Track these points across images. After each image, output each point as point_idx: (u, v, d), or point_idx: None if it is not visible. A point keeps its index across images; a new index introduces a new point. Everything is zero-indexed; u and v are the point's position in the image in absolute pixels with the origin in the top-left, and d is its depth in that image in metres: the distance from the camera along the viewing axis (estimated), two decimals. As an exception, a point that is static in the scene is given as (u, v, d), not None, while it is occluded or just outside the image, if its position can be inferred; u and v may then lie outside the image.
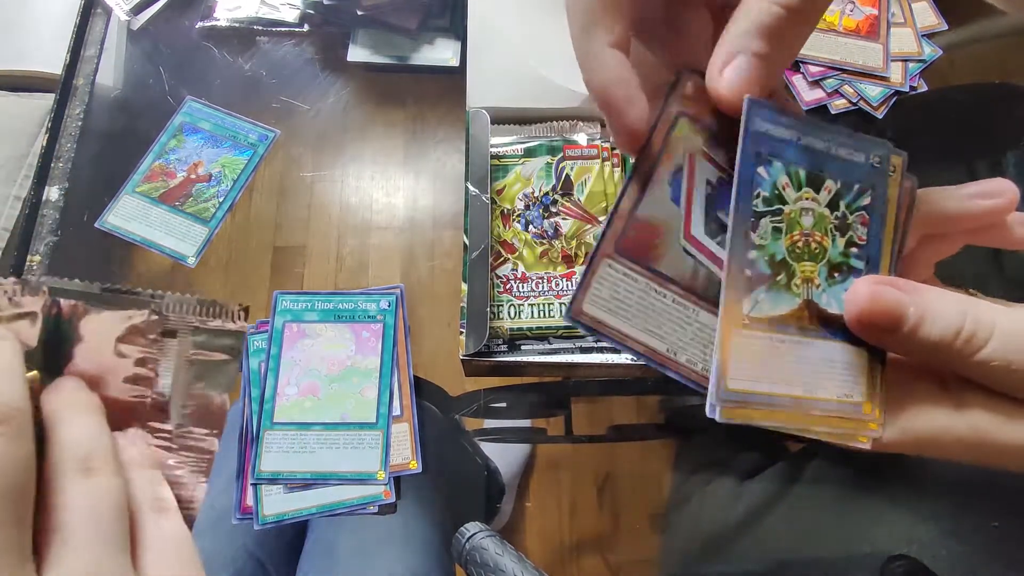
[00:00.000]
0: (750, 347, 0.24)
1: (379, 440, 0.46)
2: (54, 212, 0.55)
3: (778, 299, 0.25)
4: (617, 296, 0.24)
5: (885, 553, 0.43)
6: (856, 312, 0.24)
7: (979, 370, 0.23)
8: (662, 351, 0.24)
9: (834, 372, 0.25)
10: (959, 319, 0.23)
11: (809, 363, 0.25)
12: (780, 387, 0.24)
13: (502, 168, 0.51)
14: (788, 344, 0.25)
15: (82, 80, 0.61)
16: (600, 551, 0.53)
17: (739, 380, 0.24)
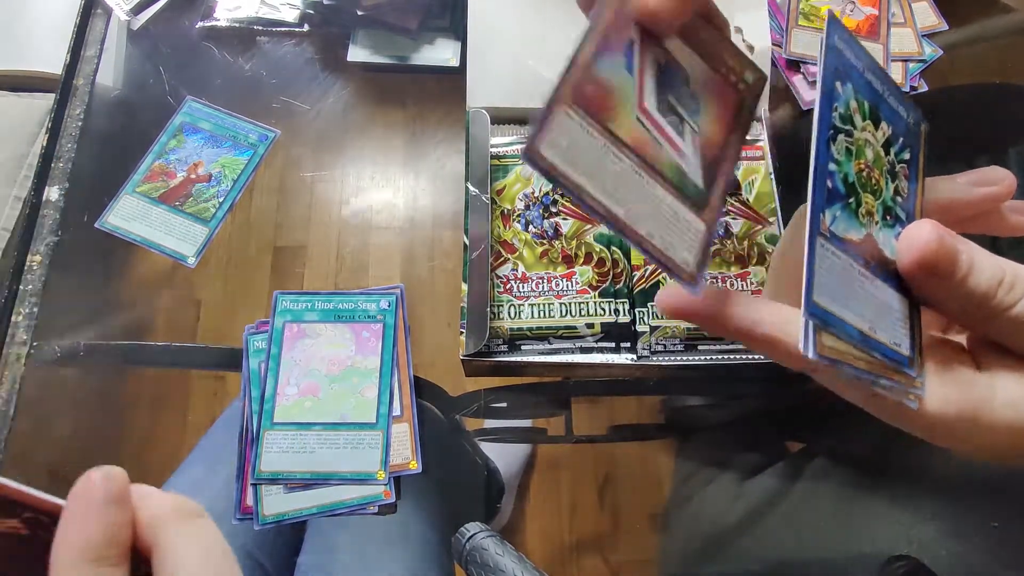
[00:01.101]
0: (830, 262, 0.23)
1: (379, 440, 0.46)
2: (54, 212, 0.55)
3: (850, 223, 0.24)
4: (576, 147, 0.23)
5: (885, 553, 0.43)
6: (919, 253, 0.23)
7: (1013, 327, 0.24)
8: (621, 216, 0.24)
9: (889, 318, 0.25)
10: (1000, 270, 0.23)
11: (872, 300, 0.24)
12: (852, 316, 0.23)
13: (502, 168, 0.51)
14: (858, 273, 0.24)
15: (82, 80, 0.60)
16: (600, 551, 0.53)
17: (823, 296, 0.23)
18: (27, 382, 0.49)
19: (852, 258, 0.24)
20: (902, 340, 0.25)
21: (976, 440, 0.25)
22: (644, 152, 0.25)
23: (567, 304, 0.47)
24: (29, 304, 0.52)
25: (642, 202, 0.25)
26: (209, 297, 0.55)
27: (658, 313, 0.46)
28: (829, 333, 0.23)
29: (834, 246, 0.24)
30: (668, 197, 0.25)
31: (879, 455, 0.46)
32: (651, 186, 0.25)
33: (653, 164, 0.25)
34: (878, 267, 0.25)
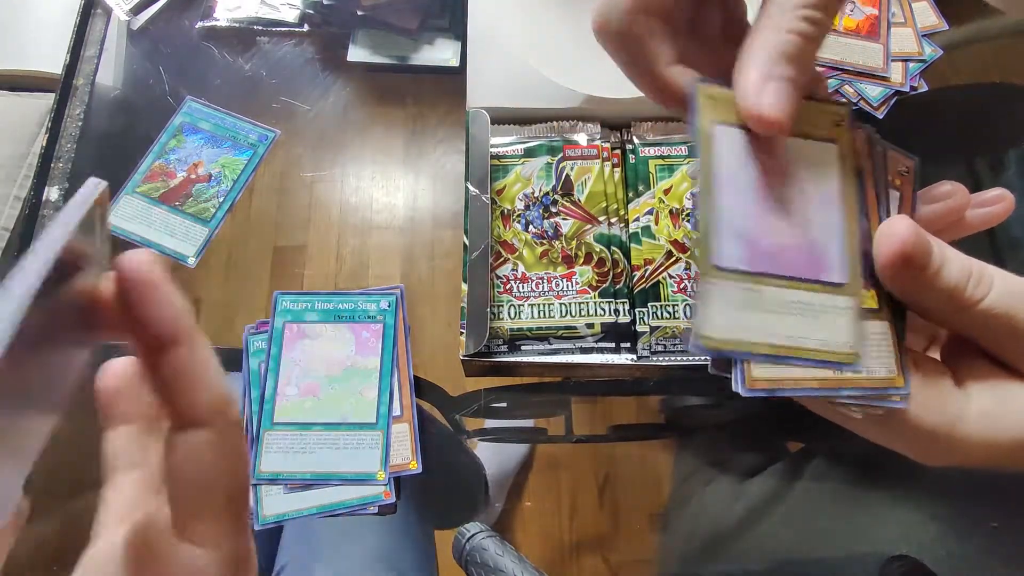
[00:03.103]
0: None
1: (379, 440, 0.46)
2: (54, 212, 0.55)
3: None
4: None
5: (885, 553, 0.43)
6: (898, 246, 0.24)
7: (982, 321, 0.25)
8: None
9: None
10: (968, 266, 0.25)
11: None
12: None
13: (502, 168, 0.51)
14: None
15: (82, 80, 0.61)
16: (600, 551, 0.53)
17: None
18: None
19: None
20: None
21: (955, 455, 0.25)
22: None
23: (567, 304, 0.47)
24: (29, 304, 0.52)
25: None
26: (209, 297, 0.55)
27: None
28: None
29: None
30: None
31: (879, 455, 0.45)
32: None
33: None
34: None
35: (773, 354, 0.25)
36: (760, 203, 0.26)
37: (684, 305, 0.47)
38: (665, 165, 0.50)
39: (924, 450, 0.26)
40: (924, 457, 0.26)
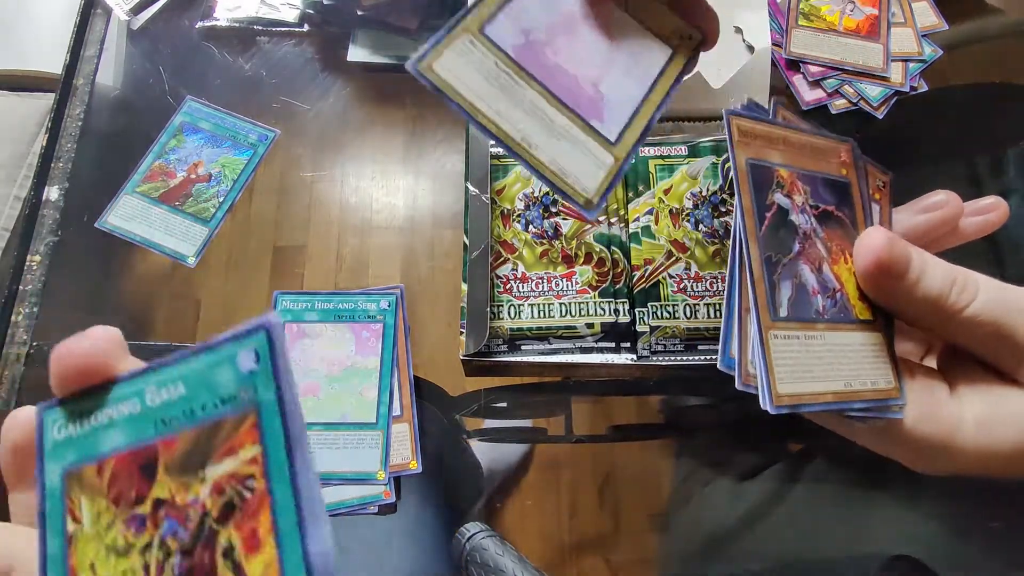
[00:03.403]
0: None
1: (379, 440, 0.46)
2: (54, 212, 0.55)
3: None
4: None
5: (885, 553, 0.43)
6: (875, 256, 0.25)
7: (968, 329, 0.25)
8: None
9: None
10: (952, 274, 0.25)
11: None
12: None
13: (502, 168, 0.51)
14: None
15: (82, 80, 0.60)
16: (600, 551, 0.53)
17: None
18: (27, 382, 0.49)
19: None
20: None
21: (952, 464, 0.25)
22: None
23: (567, 304, 0.47)
24: (29, 304, 0.52)
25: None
26: (209, 297, 0.55)
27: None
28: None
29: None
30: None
31: (879, 456, 0.45)
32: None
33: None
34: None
35: (493, 132, 0.25)
36: (562, 26, 0.27)
37: (684, 305, 0.47)
38: (665, 165, 0.51)
39: (922, 459, 0.26)
40: (922, 466, 0.27)
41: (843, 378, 0.25)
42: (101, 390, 0.17)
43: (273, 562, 0.15)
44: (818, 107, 0.58)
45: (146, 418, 0.17)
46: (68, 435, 0.17)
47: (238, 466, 0.16)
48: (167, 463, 0.17)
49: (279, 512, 0.15)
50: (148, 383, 0.17)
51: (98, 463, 0.17)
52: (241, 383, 0.16)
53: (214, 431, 0.16)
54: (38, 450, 0.17)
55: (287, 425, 0.15)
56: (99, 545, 0.17)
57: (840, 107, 0.58)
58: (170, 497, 0.16)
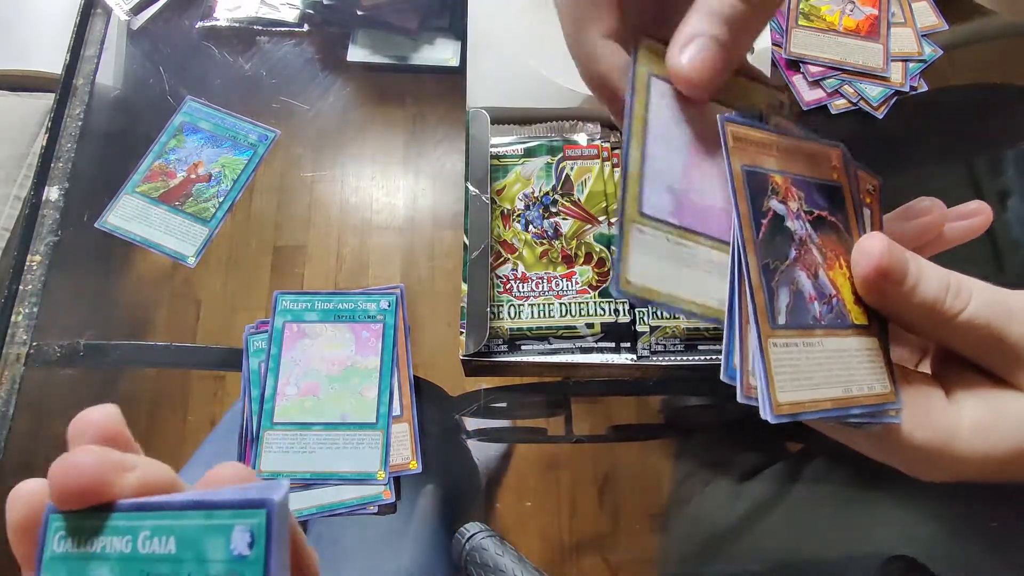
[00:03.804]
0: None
1: (379, 440, 0.46)
2: (54, 212, 0.55)
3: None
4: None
5: (885, 553, 0.43)
6: (876, 261, 0.25)
7: (963, 333, 0.25)
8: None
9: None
10: (946, 277, 0.25)
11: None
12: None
13: (502, 168, 0.51)
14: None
15: (82, 80, 0.60)
16: (600, 551, 0.53)
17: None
18: (27, 382, 0.49)
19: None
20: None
21: (950, 470, 0.26)
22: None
23: (567, 304, 0.47)
24: (29, 304, 0.52)
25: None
26: (209, 297, 0.55)
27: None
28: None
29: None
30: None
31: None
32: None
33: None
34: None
35: (700, 313, 0.25)
36: (690, 162, 0.27)
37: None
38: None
39: (920, 466, 0.26)
40: (920, 473, 0.27)
41: (841, 384, 0.25)
42: (102, 511, 0.17)
43: None
44: (818, 107, 0.58)
45: (134, 564, 0.17)
46: (65, 551, 0.17)
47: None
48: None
49: None
50: (143, 525, 0.17)
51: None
52: (230, 566, 0.16)
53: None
54: (38, 554, 0.17)
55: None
56: None
57: (840, 107, 0.58)
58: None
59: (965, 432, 0.25)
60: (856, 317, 0.26)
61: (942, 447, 0.25)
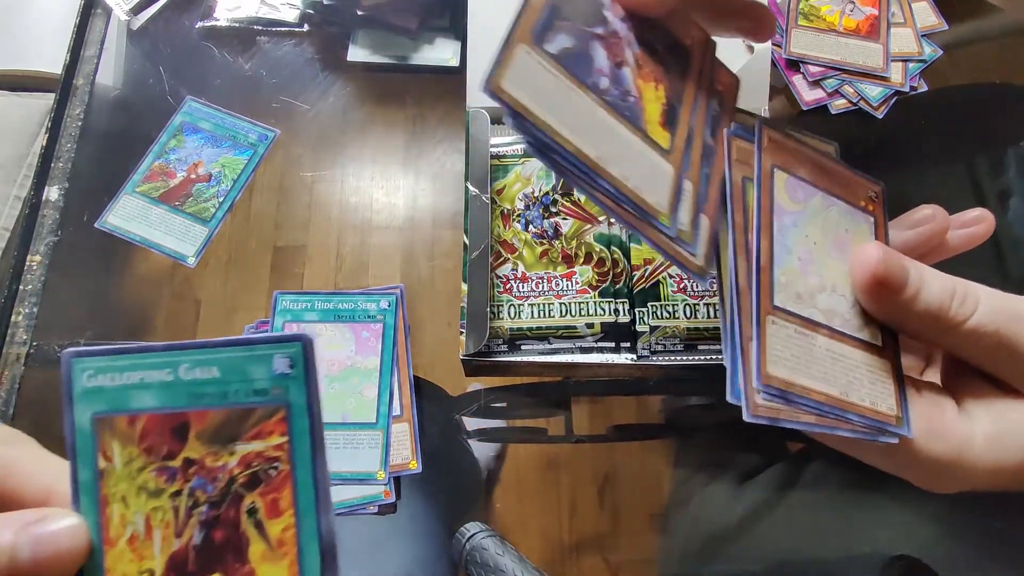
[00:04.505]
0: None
1: (379, 440, 0.46)
2: (54, 212, 0.55)
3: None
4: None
5: (885, 553, 0.43)
6: (871, 269, 0.25)
7: (970, 339, 0.25)
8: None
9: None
10: (951, 286, 0.25)
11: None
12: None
13: (502, 168, 0.51)
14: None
15: (82, 80, 0.61)
16: (600, 551, 0.53)
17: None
18: (27, 382, 0.49)
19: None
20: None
21: (962, 482, 0.25)
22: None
23: (567, 304, 0.47)
24: (29, 304, 0.52)
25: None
26: (209, 297, 0.55)
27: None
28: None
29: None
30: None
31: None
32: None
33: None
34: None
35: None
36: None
37: (684, 305, 0.47)
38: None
39: (932, 478, 0.26)
40: (931, 485, 0.26)
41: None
42: (130, 355, 0.19)
43: (291, 527, 0.19)
44: (818, 107, 0.58)
45: (178, 389, 0.19)
46: (98, 385, 0.19)
47: (265, 449, 0.19)
48: (198, 432, 0.19)
49: (300, 492, 0.19)
50: (181, 360, 0.19)
51: (129, 416, 0.19)
52: (274, 382, 0.19)
53: (244, 416, 0.19)
54: (65, 391, 0.19)
55: (314, 428, 0.19)
56: (130, 484, 0.19)
57: (840, 107, 0.58)
58: (200, 459, 0.19)
59: (978, 444, 0.25)
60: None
61: (955, 460, 0.25)
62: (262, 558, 0.19)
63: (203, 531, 0.19)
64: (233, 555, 0.19)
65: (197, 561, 0.19)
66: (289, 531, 0.19)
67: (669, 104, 0.27)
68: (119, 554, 0.19)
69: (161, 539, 0.19)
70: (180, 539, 0.19)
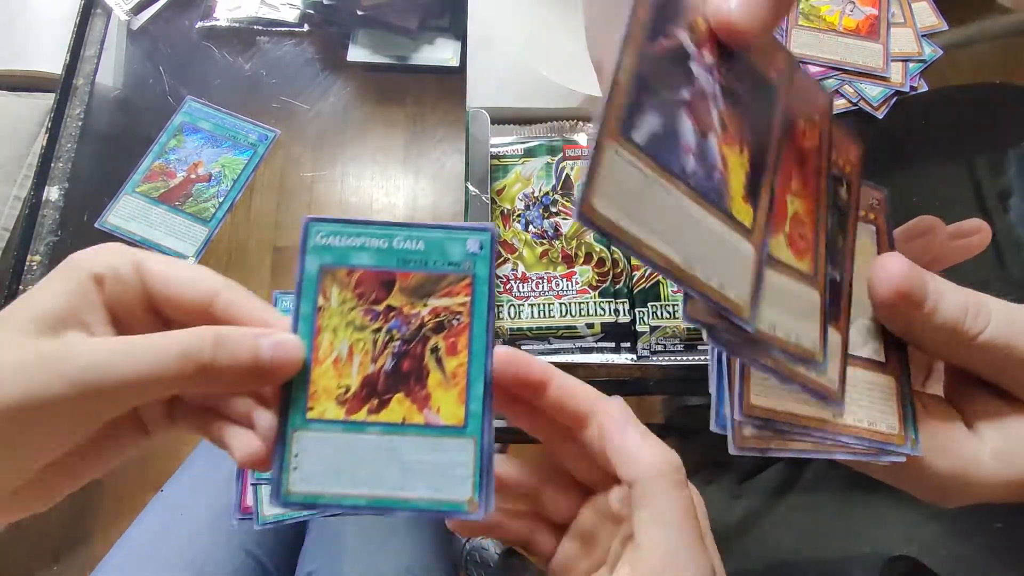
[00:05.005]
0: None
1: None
2: (54, 212, 0.55)
3: None
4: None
5: (885, 553, 0.43)
6: (897, 282, 0.24)
7: (983, 353, 0.24)
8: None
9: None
10: (965, 299, 0.24)
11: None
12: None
13: (502, 168, 0.51)
14: None
15: (82, 80, 0.60)
16: (600, 551, 0.53)
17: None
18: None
19: None
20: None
21: (971, 496, 0.25)
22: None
23: (567, 304, 0.47)
24: (29, 304, 0.52)
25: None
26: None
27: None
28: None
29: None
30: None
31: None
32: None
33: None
34: None
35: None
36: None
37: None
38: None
39: (940, 494, 0.26)
40: (939, 500, 0.26)
41: (717, 278, 0.23)
42: (357, 224, 0.26)
43: (464, 365, 0.25)
44: (818, 107, 0.58)
45: (390, 254, 0.25)
46: (328, 243, 0.25)
47: (452, 304, 0.25)
48: (402, 286, 0.25)
49: (474, 339, 0.25)
50: (397, 233, 0.25)
51: (348, 269, 0.25)
52: (466, 257, 0.25)
53: (439, 279, 0.25)
54: (301, 245, 0.25)
55: (490, 295, 0.25)
56: (341, 319, 0.25)
57: (840, 107, 0.58)
58: (399, 307, 0.25)
59: (986, 460, 0.24)
60: (738, 212, 0.24)
61: (962, 476, 0.24)
62: (438, 385, 0.24)
63: (394, 360, 0.24)
64: (415, 381, 0.24)
65: (386, 383, 0.24)
66: (462, 367, 0.24)
67: (753, 167, 0.24)
68: (324, 371, 0.24)
69: (359, 363, 0.24)
70: (375, 364, 0.24)
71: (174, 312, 0.24)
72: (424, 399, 0.24)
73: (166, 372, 0.21)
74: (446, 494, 0.24)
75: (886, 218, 0.29)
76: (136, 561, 0.47)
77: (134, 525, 0.50)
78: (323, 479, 0.23)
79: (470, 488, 0.24)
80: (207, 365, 0.22)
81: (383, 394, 0.24)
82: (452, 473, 0.24)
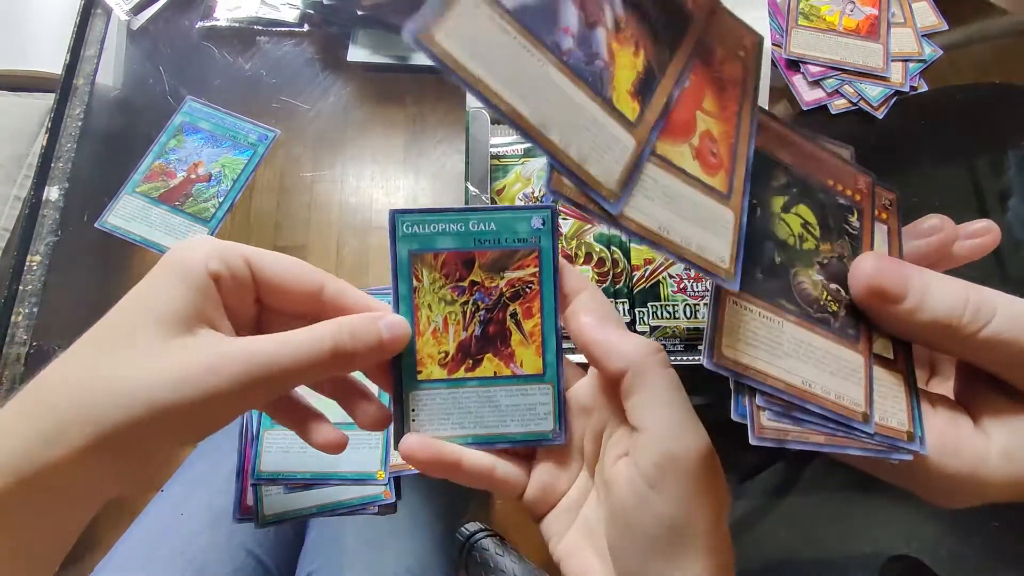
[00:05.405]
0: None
1: (379, 440, 0.46)
2: (54, 212, 0.55)
3: None
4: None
5: (885, 553, 0.43)
6: (864, 284, 0.25)
7: (986, 349, 0.24)
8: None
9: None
10: (964, 293, 0.24)
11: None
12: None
13: (502, 168, 0.51)
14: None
15: (82, 80, 0.61)
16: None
17: None
18: (27, 382, 0.49)
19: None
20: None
21: (978, 496, 0.25)
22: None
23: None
24: (29, 304, 0.52)
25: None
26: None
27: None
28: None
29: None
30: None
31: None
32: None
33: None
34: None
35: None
36: None
37: (684, 305, 0.47)
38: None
39: (947, 495, 0.25)
40: (943, 500, 0.26)
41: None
42: (436, 212, 0.29)
43: (538, 325, 0.29)
44: (818, 107, 0.58)
45: (468, 236, 0.29)
46: (414, 232, 0.29)
47: (524, 276, 0.29)
48: (480, 263, 0.29)
49: (544, 302, 0.29)
50: (471, 218, 0.29)
51: (434, 253, 0.29)
52: (532, 232, 0.29)
53: (511, 254, 0.29)
54: (391, 235, 0.29)
55: (555, 264, 0.29)
56: (433, 296, 0.29)
57: (840, 107, 0.58)
58: (480, 281, 0.29)
59: (993, 460, 0.24)
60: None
61: (970, 475, 0.24)
62: (519, 343, 0.29)
63: (481, 327, 0.29)
64: (500, 342, 0.29)
65: (476, 345, 0.29)
66: (536, 327, 0.29)
67: (647, 72, 0.25)
68: (425, 341, 0.29)
69: (453, 332, 0.29)
70: (466, 332, 0.29)
71: (282, 303, 0.28)
72: (509, 356, 0.29)
73: (320, 360, 0.25)
74: (534, 427, 0.29)
75: (899, 219, 0.29)
76: (136, 561, 0.47)
77: (134, 525, 0.50)
78: (437, 426, 0.29)
79: (552, 421, 0.29)
80: (349, 351, 0.26)
81: (476, 355, 0.29)
82: (537, 411, 0.29)
